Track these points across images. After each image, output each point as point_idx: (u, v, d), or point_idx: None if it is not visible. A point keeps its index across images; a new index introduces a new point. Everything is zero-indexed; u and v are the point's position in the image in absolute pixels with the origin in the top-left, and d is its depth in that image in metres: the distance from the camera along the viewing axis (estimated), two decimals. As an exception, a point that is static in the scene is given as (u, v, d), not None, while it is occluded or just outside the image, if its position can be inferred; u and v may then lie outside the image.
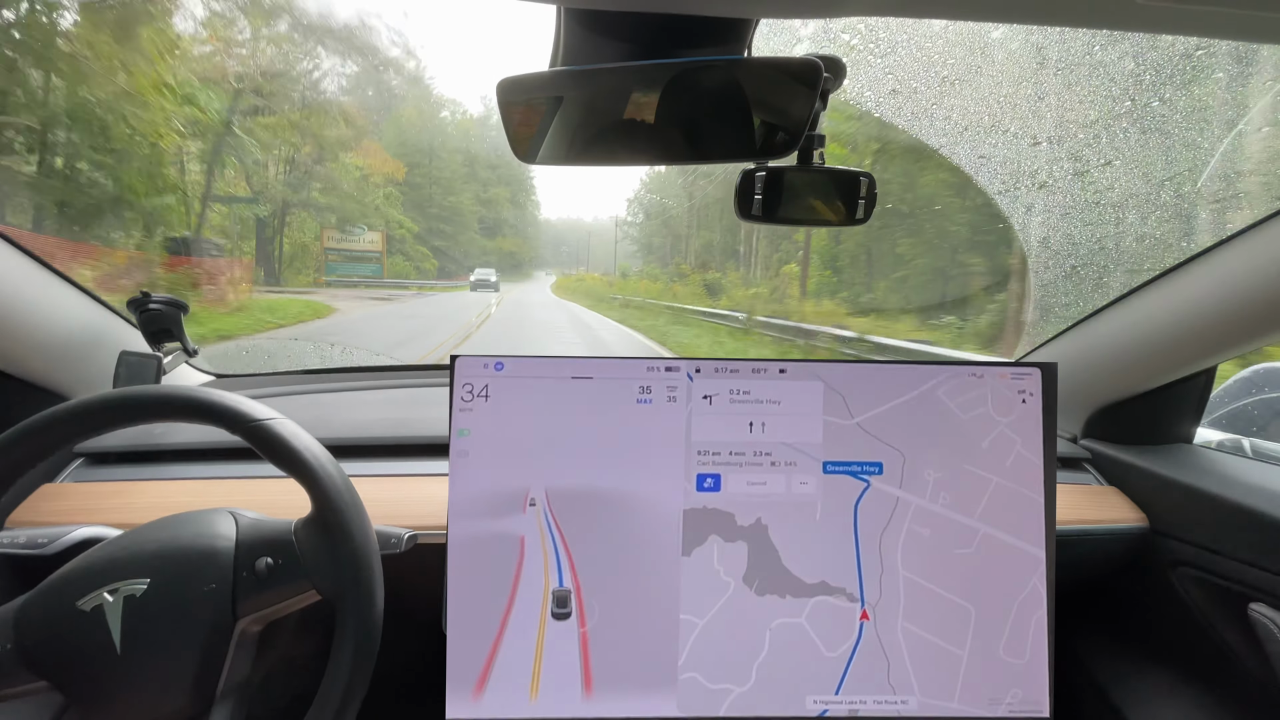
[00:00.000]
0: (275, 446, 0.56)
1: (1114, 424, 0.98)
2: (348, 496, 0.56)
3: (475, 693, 0.64)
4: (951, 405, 0.70)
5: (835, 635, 0.67)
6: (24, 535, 0.65)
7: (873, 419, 0.69)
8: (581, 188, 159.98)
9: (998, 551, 0.69)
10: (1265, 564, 0.73)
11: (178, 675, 0.53)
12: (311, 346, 6.98)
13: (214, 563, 0.55)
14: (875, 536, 0.68)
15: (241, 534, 0.57)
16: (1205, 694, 0.81)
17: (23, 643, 0.52)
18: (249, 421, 0.56)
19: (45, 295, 0.85)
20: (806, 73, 0.56)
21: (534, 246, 42.36)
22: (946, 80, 1.40)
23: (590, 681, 0.65)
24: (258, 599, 0.55)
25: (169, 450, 0.90)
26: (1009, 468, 0.70)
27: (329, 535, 0.55)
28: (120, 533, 0.61)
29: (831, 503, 0.68)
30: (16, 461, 0.54)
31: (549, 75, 0.60)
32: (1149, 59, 1.24)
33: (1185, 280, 0.81)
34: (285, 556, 0.55)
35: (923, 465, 0.69)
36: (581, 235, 50.03)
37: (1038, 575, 0.69)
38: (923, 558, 0.68)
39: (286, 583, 0.55)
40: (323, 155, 19.21)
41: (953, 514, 0.69)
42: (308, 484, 0.56)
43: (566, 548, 0.66)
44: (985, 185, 1.46)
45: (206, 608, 0.54)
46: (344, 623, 0.54)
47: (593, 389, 0.68)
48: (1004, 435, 0.70)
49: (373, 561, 0.55)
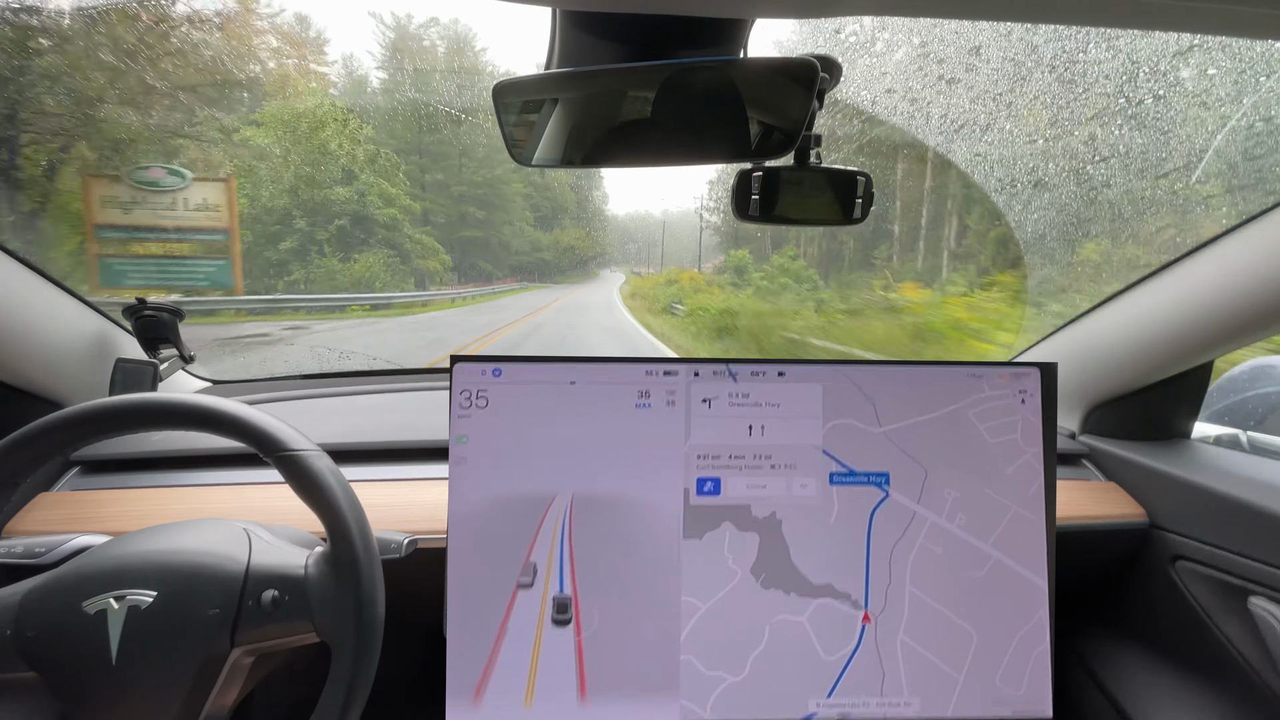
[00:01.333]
0: (306, 479, 0.55)
1: (1112, 420, 0.98)
2: (366, 543, 0.56)
3: (474, 699, 0.64)
4: (981, 428, 0.70)
5: (835, 639, 0.67)
6: (21, 544, 0.65)
7: (900, 430, 0.69)
8: (646, 179, 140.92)
9: (1007, 580, 0.69)
10: (1265, 557, 0.73)
11: (165, 696, 0.52)
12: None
13: (221, 586, 0.54)
14: (887, 547, 0.68)
15: (253, 559, 0.57)
16: (1206, 687, 0.81)
17: (23, 632, 0.52)
18: (283, 450, 0.55)
19: (40, 302, 0.84)
20: (803, 73, 0.56)
21: (599, 241, 33.56)
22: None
23: (585, 688, 0.65)
24: (258, 631, 0.54)
25: (166, 457, 0.89)
26: (1030, 498, 0.70)
27: (341, 581, 0.54)
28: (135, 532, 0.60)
29: (847, 508, 0.68)
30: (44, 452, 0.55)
31: (545, 77, 0.60)
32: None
33: (1182, 275, 0.81)
34: (293, 593, 0.55)
35: (944, 483, 0.69)
36: (650, 229, 40.80)
37: (1044, 609, 0.69)
38: (932, 575, 0.68)
39: (289, 620, 0.54)
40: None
41: (967, 536, 0.69)
42: (330, 524, 0.55)
43: (572, 554, 0.66)
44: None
45: (206, 632, 0.53)
46: (339, 669, 0.53)
47: (591, 394, 0.68)
48: (1030, 464, 0.70)
49: (379, 614, 0.55)
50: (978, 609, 0.68)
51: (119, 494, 0.83)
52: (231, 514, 0.66)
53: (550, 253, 29.43)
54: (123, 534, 0.60)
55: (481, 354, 0.69)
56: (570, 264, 31.45)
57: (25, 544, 0.65)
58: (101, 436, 0.57)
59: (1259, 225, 0.72)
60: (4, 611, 0.53)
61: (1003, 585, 0.69)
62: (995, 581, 0.69)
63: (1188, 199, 1.53)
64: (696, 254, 28.92)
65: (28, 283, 0.82)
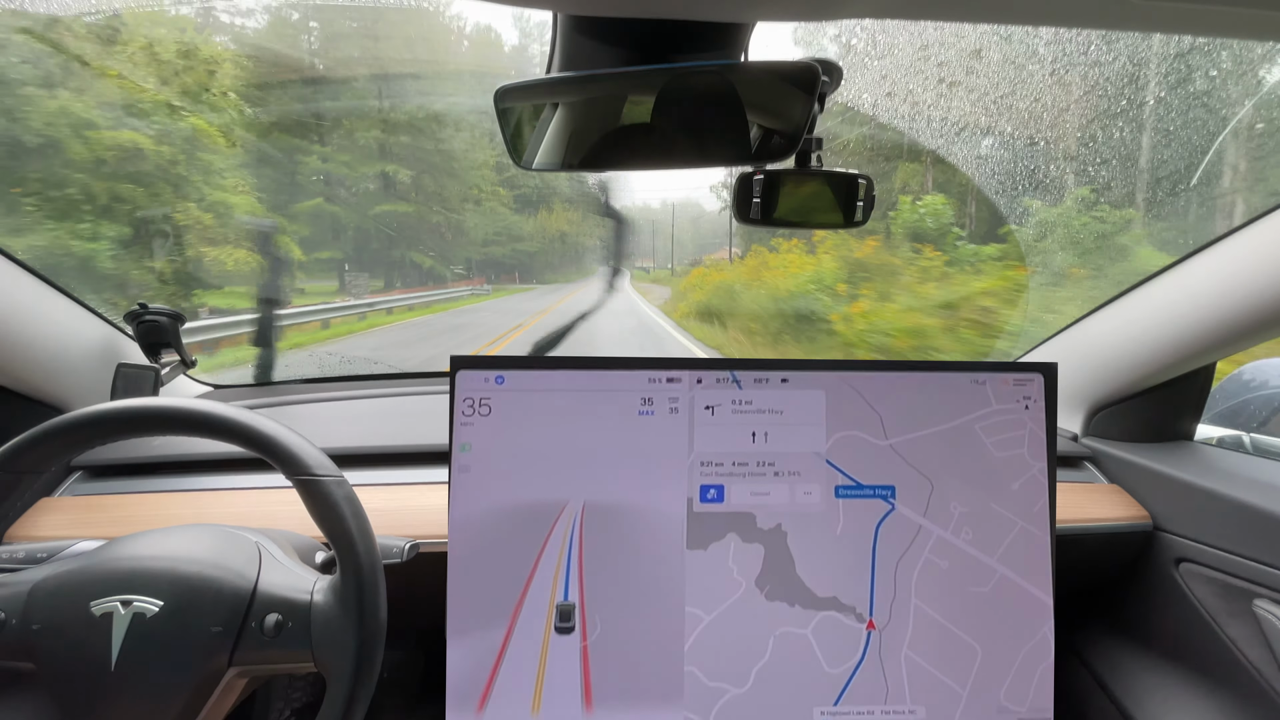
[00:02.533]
0: (325, 507, 0.55)
1: (1115, 422, 0.98)
2: (375, 578, 0.55)
3: (478, 708, 0.64)
4: (988, 442, 0.70)
5: (838, 652, 0.67)
6: (23, 549, 0.65)
7: (907, 443, 0.69)
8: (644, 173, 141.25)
9: (1012, 596, 0.69)
10: (1269, 560, 0.73)
11: (159, 706, 0.52)
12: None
13: (226, 604, 0.54)
14: (893, 560, 0.68)
15: (261, 579, 0.56)
16: (1210, 690, 0.80)
17: (28, 623, 0.52)
18: (307, 473, 0.55)
19: (41, 308, 0.84)
20: (804, 76, 0.56)
21: (591, 227, 24.21)
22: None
23: (590, 696, 0.65)
24: (257, 654, 0.54)
25: (167, 462, 0.89)
26: (1036, 514, 0.69)
27: (347, 615, 0.54)
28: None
29: (853, 520, 0.68)
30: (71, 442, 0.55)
31: (546, 81, 0.60)
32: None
33: (1185, 277, 0.81)
34: (296, 620, 0.54)
35: (950, 497, 0.69)
36: (650, 221, 37.03)
37: (1048, 626, 0.69)
38: (937, 589, 0.68)
39: (290, 647, 0.54)
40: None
41: (973, 551, 0.68)
42: (342, 555, 0.55)
43: (581, 562, 0.66)
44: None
45: (206, 649, 0.53)
46: (333, 702, 0.53)
47: (595, 401, 0.67)
48: (1035, 479, 0.70)
49: (379, 650, 0.55)
50: (983, 624, 0.68)
51: (121, 499, 0.83)
52: (233, 519, 0.66)
53: (535, 243, 21.46)
54: (136, 533, 0.60)
55: (484, 355, 0.69)
56: (566, 260, 24.22)
57: (27, 549, 0.65)
58: (118, 438, 0.57)
59: (1261, 227, 0.72)
60: (12, 600, 0.53)
61: (1008, 600, 0.68)
62: (1001, 596, 0.68)
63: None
64: (702, 245, 25.80)
65: (27, 287, 0.82)
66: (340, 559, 0.55)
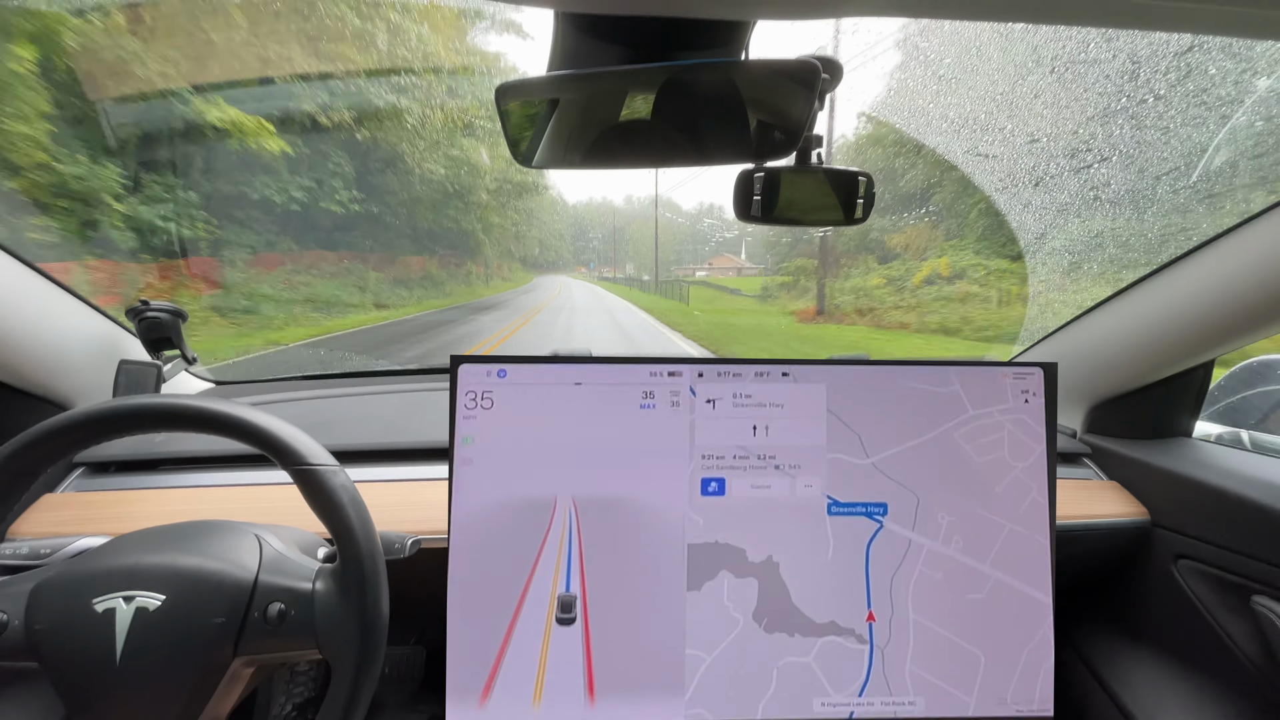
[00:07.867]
0: (322, 495, 0.56)
1: (1113, 419, 0.98)
2: (375, 564, 0.56)
3: (480, 700, 0.64)
4: (968, 448, 0.70)
5: (843, 675, 0.67)
6: (26, 546, 0.65)
7: (888, 459, 0.69)
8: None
9: (1009, 598, 0.69)
10: (1267, 556, 0.73)
11: (165, 699, 0.53)
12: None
13: (228, 595, 0.55)
14: (886, 578, 0.68)
15: (263, 569, 0.57)
16: (1208, 687, 0.81)
17: (31, 623, 0.53)
18: (303, 463, 0.56)
19: (43, 305, 0.84)
20: (804, 74, 0.56)
21: (538, 224, 15.47)
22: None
23: (593, 687, 0.65)
24: (261, 643, 0.55)
25: (169, 458, 0.90)
26: (1023, 514, 0.70)
27: (347, 602, 0.55)
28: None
29: (843, 542, 0.68)
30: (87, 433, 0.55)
31: (546, 79, 0.60)
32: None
33: (1182, 274, 0.81)
34: (299, 609, 0.55)
35: (937, 508, 0.69)
36: (610, 221, 33.14)
37: (1048, 623, 0.69)
38: (934, 601, 0.68)
39: (294, 635, 0.55)
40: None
41: (965, 558, 0.69)
42: (341, 543, 0.55)
43: (581, 554, 0.66)
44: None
45: (209, 640, 0.53)
46: (339, 687, 0.53)
47: (596, 394, 0.68)
48: (1019, 480, 0.70)
49: (382, 636, 0.55)
50: (983, 629, 0.68)
51: (123, 495, 0.83)
52: (235, 515, 0.67)
53: (453, 236, 14.53)
54: (135, 530, 0.60)
55: (485, 354, 0.69)
56: (542, 265, 14.93)
57: (30, 545, 0.65)
58: (119, 435, 0.57)
59: (1260, 224, 0.72)
60: (14, 600, 0.54)
61: (1006, 603, 0.69)
62: (997, 600, 0.69)
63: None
64: (673, 255, 23.12)
65: (30, 284, 0.82)
66: (340, 546, 0.55)
